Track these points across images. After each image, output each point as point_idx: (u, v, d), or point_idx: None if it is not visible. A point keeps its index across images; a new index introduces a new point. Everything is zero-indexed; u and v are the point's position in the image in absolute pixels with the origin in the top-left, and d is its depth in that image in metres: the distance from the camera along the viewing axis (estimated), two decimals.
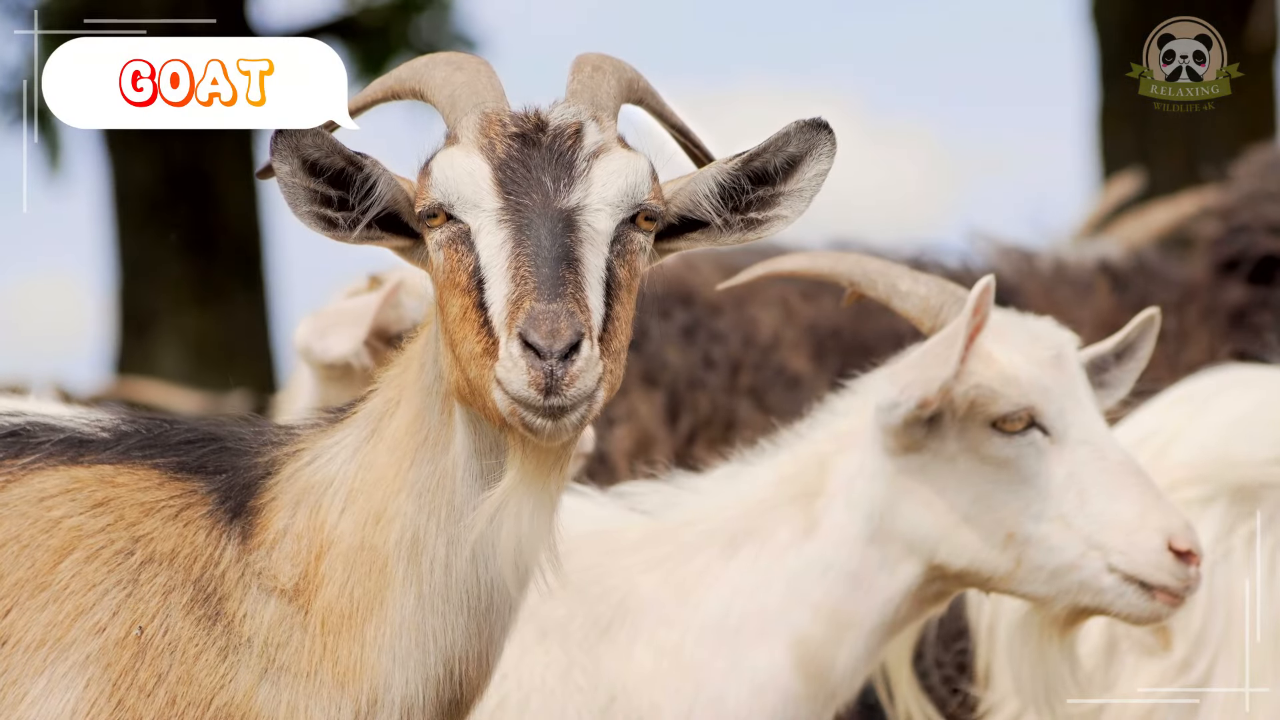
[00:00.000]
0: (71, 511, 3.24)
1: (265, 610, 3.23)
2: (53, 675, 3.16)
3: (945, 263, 6.57)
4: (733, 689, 4.12)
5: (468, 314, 3.12)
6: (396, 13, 17.09)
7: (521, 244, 3.12)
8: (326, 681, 3.21)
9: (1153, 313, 4.33)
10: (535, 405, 3.05)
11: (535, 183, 3.17)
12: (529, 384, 3.04)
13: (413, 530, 3.24)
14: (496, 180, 3.17)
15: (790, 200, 3.34)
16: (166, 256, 15.86)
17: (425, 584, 3.23)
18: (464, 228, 3.17)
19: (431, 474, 3.24)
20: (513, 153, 3.19)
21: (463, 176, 3.18)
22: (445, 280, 3.17)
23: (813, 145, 3.33)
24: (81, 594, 3.20)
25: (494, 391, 3.08)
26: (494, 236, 3.14)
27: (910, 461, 4.14)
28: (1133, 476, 4.11)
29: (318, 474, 3.29)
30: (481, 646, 3.26)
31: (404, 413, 3.29)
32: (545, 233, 3.12)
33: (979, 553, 4.11)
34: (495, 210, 3.16)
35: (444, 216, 3.19)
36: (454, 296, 3.15)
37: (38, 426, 3.35)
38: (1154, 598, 4.09)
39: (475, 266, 3.14)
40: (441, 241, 3.18)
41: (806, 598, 4.14)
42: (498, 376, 3.06)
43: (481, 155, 3.19)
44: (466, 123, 3.23)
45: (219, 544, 3.26)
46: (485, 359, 3.09)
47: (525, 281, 3.08)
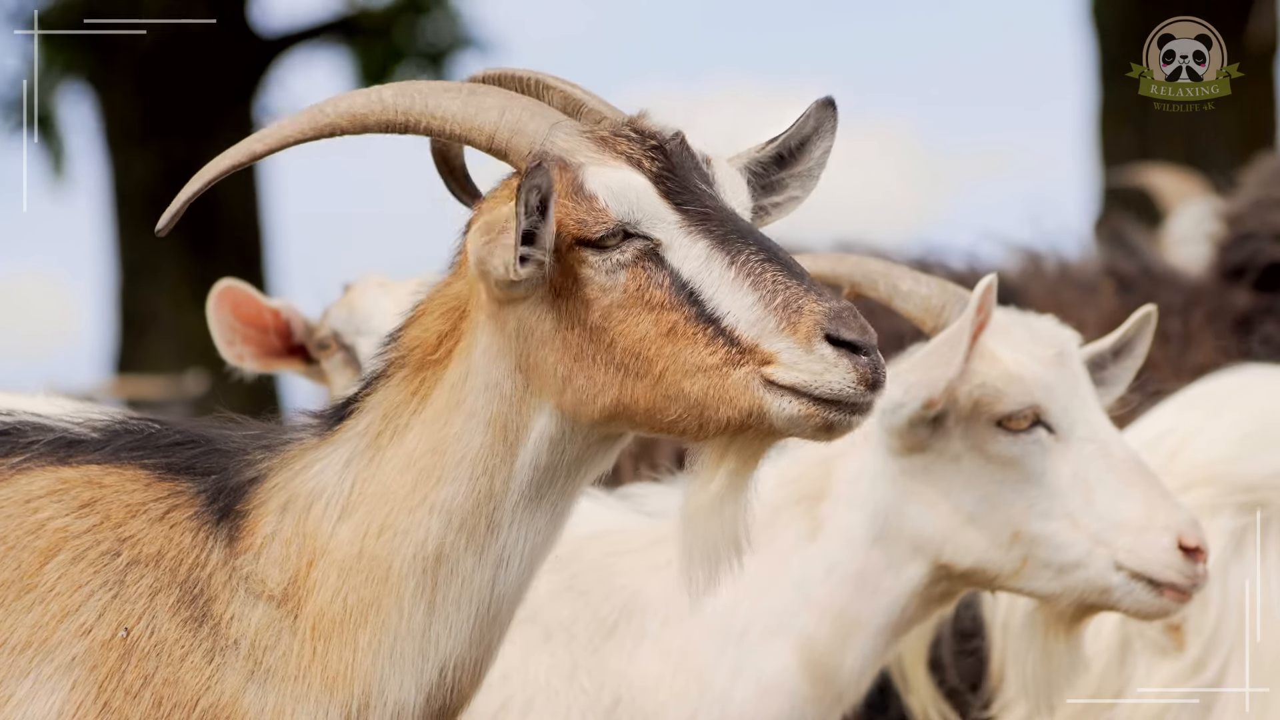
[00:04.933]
0: (58, 513, 3.22)
1: (253, 614, 3.20)
2: (38, 677, 3.13)
3: (950, 264, 6.57)
4: (738, 691, 4.12)
5: (680, 329, 3.10)
6: (399, 14, 17.07)
7: (738, 249, 3.11)
8: (315, 685, 3.19)
9: (1150, 310, 4.34)
10: (853, 402, 3.06)
11: (698, 191, 3.17)
12: (857, 381, 3.04)
13: (436, 544, 3.21)
14: (663, 193, 3.15)
15: (801, 180, 3.37)
16: (166, 256, 15.87)
17: (440, 593, 3.21)
18: (651, 244, 3.13)
19: (470, 492, 3.21)
20: (660, 165, 3.17)
21: (633, 193, 3.14)
22: (627, 300, 3.13)
23: (820, 122, 3.36)
24: (67, 595, 3.17)
25: (768, 398, 3.07)
26: (692, 248, 3.12)
27: (914, 462, 4.14)
28: (1139, 474, 4.11)
29: (309, 484, 3.25)
30: (479, 655, 3.25)
31: (422, 436, 3.23)
32: (753, 236, 3.13)
33: (985, 552, 4.11)
34: (678, 222, 3.13)
35: (622, 235, 3.15)
36: (645, 314, 3.11)
37: (29, 426, 3.32)
38: (1162, 594, 4.08)
39: (679, 281, 3.11)
40: (624, 262, 3.13)
41: (812, 599, 4.14)
42: (793, 382, 3.05)
43: (635, 169, 3.17)
44: (576, 143, 3.19)
45: (206, 546, 3.23)
46: (726, 369, 3.07)
47: (781, 284, 3.08)
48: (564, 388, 3.17)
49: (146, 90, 15.88)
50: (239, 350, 4.89)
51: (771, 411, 3.08)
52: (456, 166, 3.46)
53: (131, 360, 15.57)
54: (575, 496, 3.27)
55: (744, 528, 3.20)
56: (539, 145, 3.18)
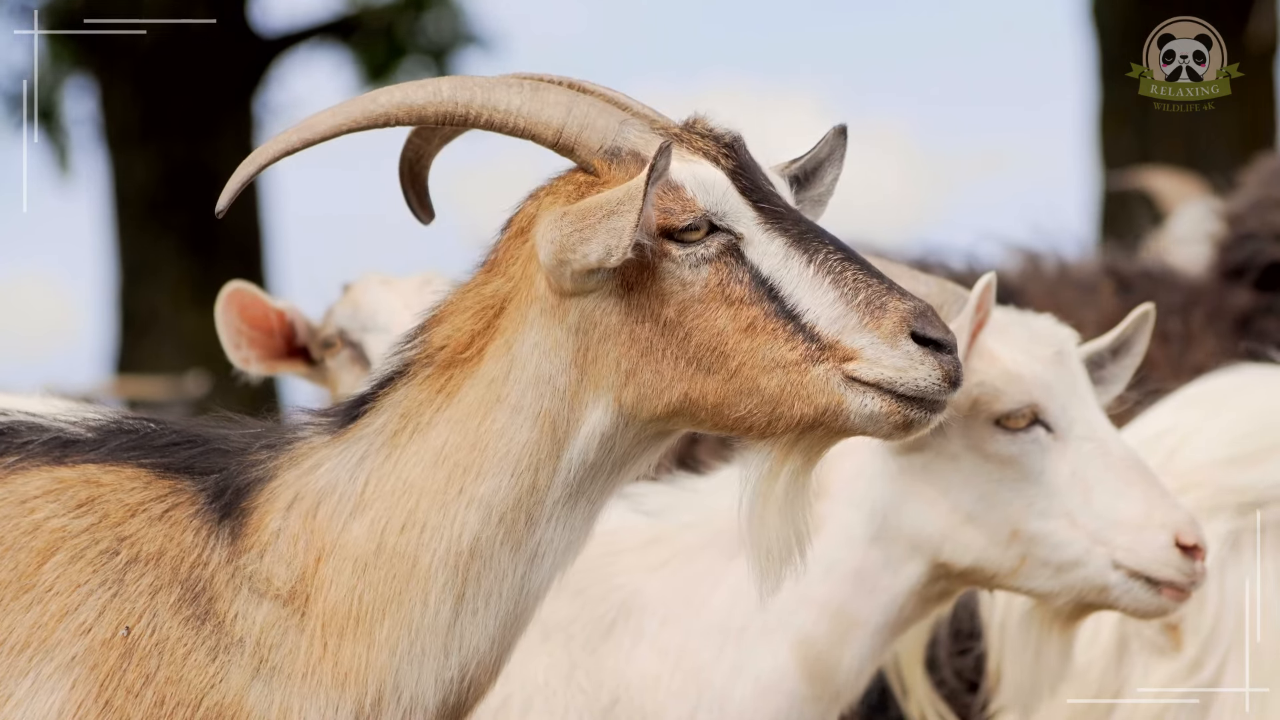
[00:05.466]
0: (55, 512, 3.21)
1: (257, 612, 3.20)
2: (38, 676, 3.13)
3: (950, 264, 6.57)
4: (737, 690, 4.11)
5: (760, 324, 3.13)
6: (400, 13, 17.06)
7: (816, 248, 3.15)
8: (325, 682, 3.19)
9: (1148, 308, 4.34)
10: (935, 399, 3.12)
11: (768, 189, 3.22)
12: (941, 378, 3.10)
13: (472, 539, 3.20)
14: (740, 189, 3.19)
15: (811, 205, 3.41)
16: (166, 256, 15.87)
17: (471, 588, 3.21)
18: (733, 239, 3.17)
19: (512, 487, 3.21)
20: (733, 163, 3.21)
21: (717, 186, 3.18)
22: (707, 294, 3.16)
23: (834, 149, 3.43)
24: (66, 595, 3.17)
25: (848, 394, 3.11)
26: (770, 244, 3.16)
27: (913, 461, 4.14)
28: (1137, 472, 4.11)
29: (319, 481, 3.25)
30: (498, 653, 3.25)
31: (453, 432, 3.23)
32: (828, 236, 3.18)
33: (984, 551, 4.11)
34: (755, 219, 3.17)
35: (706, 229, 3.17)
36: (724, 309, 3.15)
37: (24, 425, 3.32)
38: (1160, 593, 4.08)
39: (759, 276, 3.15)
40: (708, 256, 3.16)
41: (810, 598, 4.13)
42: (877, 378, 3.10)
43: (713, 165, 3.21)
44: (650, 139, 3.21)
45: (207, 544, 3.22)
46: (805, 364, 3.11)
47: (862, 282, 3.14)
48: (626, 382, 3.19)
49: (146, 90, 15.89)
50: (245, 354, 4.89)
51: (850, 408, 3.12)
52: (421, 181, 3.48)
53: (131, 360, 15.56)
54: (613, 495, 3.30)
55: (808, 524, 3.24)
56: (610, 141, 3.21)
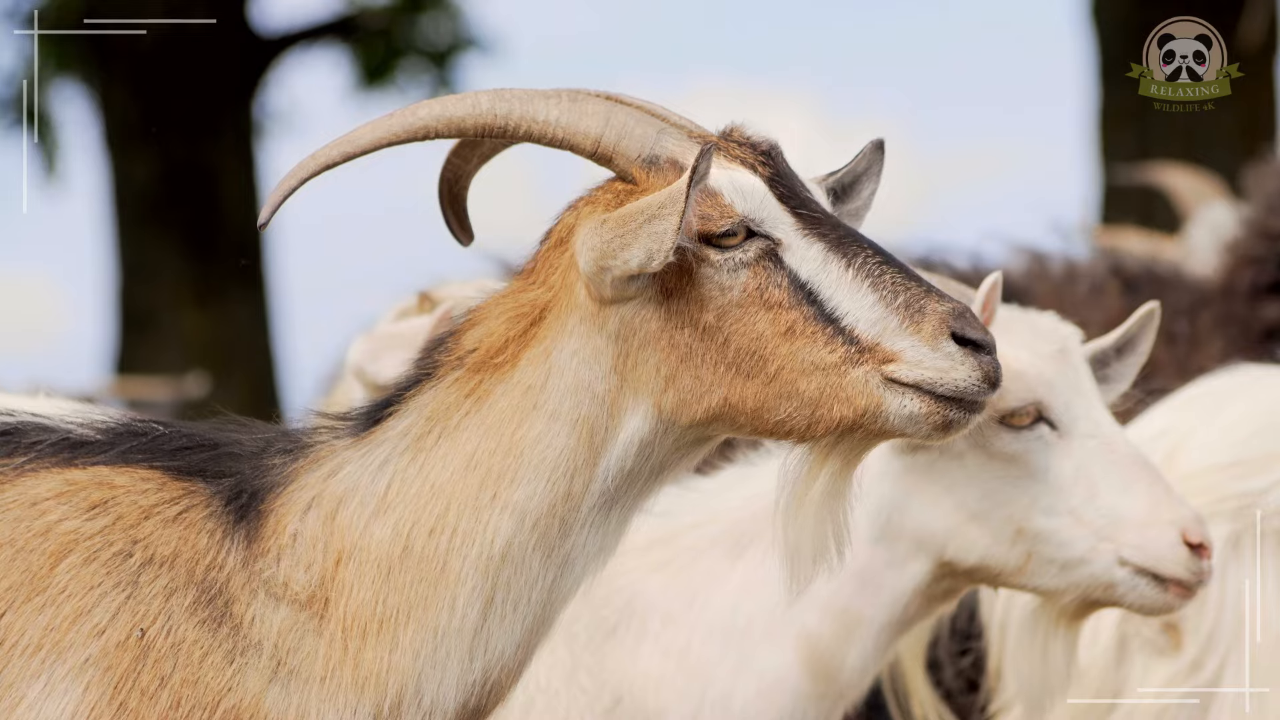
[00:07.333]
0: (67, 514, 3.20)
1: (275, 615, 3.19)
2: (51, 678, 3.12)
3: (954, 263, 6.56)
4: (740, 689, 4.11)
5: (799, 328, 3.16)
6: (399, 13, 17.06)
7: (854, 253, 3.18)
8: (344, 685, 3.18)
9: (1153, 307, 4.33)
10: (974, 400, 3.16)
11: (805, 195, 3.25)
12: (982, 379, 3.14)
13: (505, 544, 3.20)
14: (778, 195, 3.22)
15: (849, 218, 3.42)
16: (166, 256, 15.87)
17: (500, 594, 3.21)
18: (772, 244, 3.19)
19: (547, 494, 3.21)
20: (771, 170, 3.24)
21: (755, 192, 3.21)
22: (745, 299, 3.18)
23: (871, 163, 3.46)
24: (79, 597, 3.15)
25: (888, 396, 3.14)
26: (809, 249, 3.19)
27: (917, 459, 4.13)
28: (1142, 469, 4.10)
29: (340, 484, 3.24)
30: (521, 657, 3.26)
31: (485, 438, 3.23)
32: (866, 241, 3.20)
33: (988, 549, 4.10)
34: (793, 224, 3.20)
35: (744, 234, 3.20)
36: (763, 313, 3.17)
37: (30, 426, 3.30)
38: (1166, 590, 4.08)
39: (798, 281, 3.18)
40: (746, 260, 3.19)
41: (814, 597, 4.12)
42: (917, 379, 3.13)
43: (750, 172, 3.23)
44: (687, 147, 3.24)
45: (223, 547, 3.21)
46: (844, 367, 3.14)
47: (901, 285, 3.16)
48: (666, 388, 3.21)
49: (146, 90, 15.88)
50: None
51: (890, 409, 3.15)
52: (460, 201, 3.50)
53: (131, 360, 15.55)
54: (646, 502, 3.31)
55: (847, 524, 3.27)
56: (649, 149, 3.24)
